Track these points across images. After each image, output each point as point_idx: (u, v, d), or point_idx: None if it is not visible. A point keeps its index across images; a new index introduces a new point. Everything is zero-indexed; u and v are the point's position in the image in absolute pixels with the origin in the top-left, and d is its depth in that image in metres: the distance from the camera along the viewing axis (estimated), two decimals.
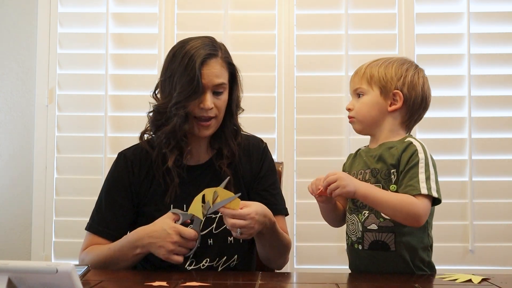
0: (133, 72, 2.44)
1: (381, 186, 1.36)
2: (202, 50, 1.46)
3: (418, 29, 2.40)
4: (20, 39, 2.48)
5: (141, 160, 1.55)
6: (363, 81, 1.43)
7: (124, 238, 1.44)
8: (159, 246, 1.34)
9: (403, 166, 1.34)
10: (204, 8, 2.46)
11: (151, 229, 1.38)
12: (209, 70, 1.45)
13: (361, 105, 1.43)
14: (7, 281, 0.81)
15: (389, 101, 1.41)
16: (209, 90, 1.46)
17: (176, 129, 1.45)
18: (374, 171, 1.39)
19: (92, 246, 1.50)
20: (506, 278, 1.29)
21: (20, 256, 2.40)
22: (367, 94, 1.42)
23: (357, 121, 1.46)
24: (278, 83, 2.41)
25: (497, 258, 2.29)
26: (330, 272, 2.14)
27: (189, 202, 1.50)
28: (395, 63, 1.43)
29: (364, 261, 1.40)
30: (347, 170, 1.51)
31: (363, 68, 1.45)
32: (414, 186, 1.30)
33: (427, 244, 1.40)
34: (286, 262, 1.60)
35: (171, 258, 1.34)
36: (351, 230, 1.43)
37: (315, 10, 2.44)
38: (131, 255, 1.40)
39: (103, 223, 1.51)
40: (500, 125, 2.36)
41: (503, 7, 2.41)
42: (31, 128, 2.45)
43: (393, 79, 1.41)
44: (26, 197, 2.42)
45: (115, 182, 1.54)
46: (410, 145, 1.37)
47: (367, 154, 1.45)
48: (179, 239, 1.33)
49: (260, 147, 1.65)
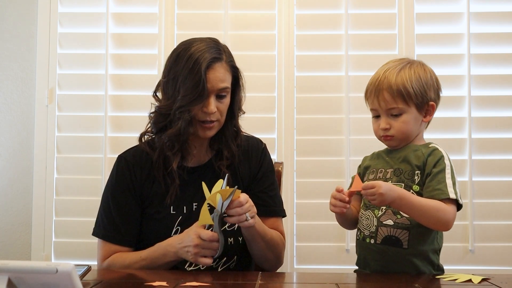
0: (133, 72, 2.44)
1: (403, 186, 1.38)
2: (207, 53, 1.45)
3: (418, 29, 2.40)
4: (20, 39, 2.48)
5: (141, 162, 1.54)
6: (399, 100, 1.40)
7: (156, 246, 1.45)
8: (186, 251, 1.37)
9: (429, 169, 1.37)
10: (204, 8, 2.46)
11: (180, 236, 1.42)
12: (214, 75, 1.45)
13: (401, 124, 1.41)
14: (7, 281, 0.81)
15: (423, 113, 1.44)
16: (213, 94, 1.46)
17: (182, 133, 1.46)
18: (397, 170, 1.42)
19: (115, 255, 1.50)
20: (506, 278, 1.29)
21: (20, 256, 2.40)
22: (405, 112, 1.41)
23: (397, 139, 1.44)
24: (278, 83, 2.41)
25: (497, 258, 2.29)
26: (330, 272, 2.15)
27: (189, 203, 1.50)
28: (419, 71, 1.43)
29: (374, 256, 1.41)
30: (361, 171, 1.53)
31: (392, 83, 1.40)
32: (443, 190, 1.33)
33: (437, 247, 1.42)
34: (280, 263, 1.59)
35: (199, 261, 1.36)
36: (364, 225, 1.44)
37: (315, 10, 2.44)
38: (164, 262, 1.43)
39: (116, 230, 1.51)
40: (500, 125, 2.35)
41: (503, 7, 2.41)
42: (31, 128, 2.45)
43: (426, 92, 1.43)
44: (26, 197, 2.42)
45: (120, 186, 1.54)
46: (436, 150, 1.41)
47: (389, 155, 1.47)
48: (200, 242, 1.35)
49: (259, 148, 1.65)
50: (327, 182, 2.33)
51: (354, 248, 2.37)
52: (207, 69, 1.44)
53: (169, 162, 1.50)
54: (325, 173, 2.35)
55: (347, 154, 2.35)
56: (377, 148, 1.54)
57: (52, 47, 2.45)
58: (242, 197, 1.35)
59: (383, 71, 1.44)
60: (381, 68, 1.47)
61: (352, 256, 2.32)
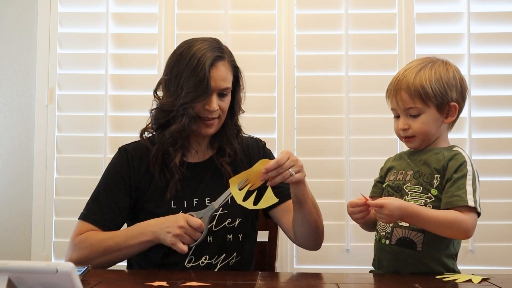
0: (133, 72, 2.44)
1: (421, 189, 1.37)
2: (210, 52, 1.47)
3: (418, 29, 2.40)
4: (20, 39, 2.48)
5: (141, 156, 1.55)
6: (416, 100, 1.38)
7: (134, 225, 1.45)
8: (166, 232, 1.37)
9: (450, 174, 1.35)
10: (204, 8, 2.46)
11: (164, 217, 1.41)
12: (218, 73, 1.47)
13: (420, 125, 1.40)
14: (7, 281, 0.81)
15: (445, 114, 1.41)
16: (216, 92, 1.48)
17: (185, 129, 1.47)
18: (417, 173, 1.40)
19: (89, 232, 1.48)
20: (506, 278, 1.29)
21: (20, 256, 2.40)
22: (424, 113, 1.39)
23: (418, 140, 1.42)
24: (278, 83, 2.41)
25: (497, 258, 2.28)
26: (330, 272, 2.15)
27: (189, 198, 1.52)
28: (441, 71, 1.41)
29: (388, 257, 1.40)
30: (383, 173, 1.52)
31: (410, 83, 1.39)
32: (462, 197, 1.31)
33: (453, 252, 1.41)
34: (323, 236, 1.57)
35: (177, 245, 1.36)
36: (381, 225, 1.44)
37: (315, 10, 2.44)
38: (138, 241, 1.41)
39: (99, 213, 1.50)
40: (500, 125, 2.35)
41: (503, 7, 2.41)
42: (31, 128, 2.45)
43: (447, 93, 1.39)
44: (26, 197, 2.42)
45: (115, 174, 1.54)
46: (458, 154, 1.38)
47: (411, 157, 1.46)
48: (186, 225, 1.36)
49: (260, 146, 1.67)
50: (327, 182, 2.33)
51: (354, 248, 2.38)
52: (211, 67, 1.45)
53: (169, 157, 1.51)
54: (325, 173, 2.35)
55: (347, 154, 2.35)
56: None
57: (52, 47, 2.45)
58: (280, 156, 1.35)
59: (403, 70, 1.43)
60: (403, 67, 1.46)
61: (352, 256, 2.34)
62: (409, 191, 1.40)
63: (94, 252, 1.43)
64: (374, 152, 2.30)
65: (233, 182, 1.39)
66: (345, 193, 2.33)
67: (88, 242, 1.45)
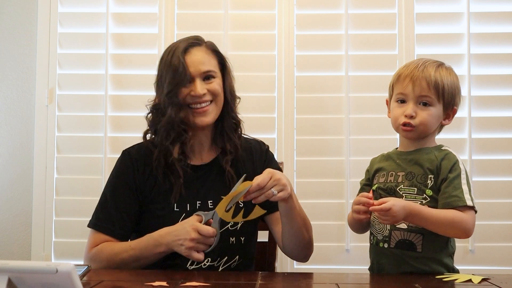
0: (133, 72, 2.44)
1: (416, 190, 1.37)
2: (183, 42, 1.52)
3: (418, 29, 2.40)
4: (20, 39, 2.48)
5: (145, 158, 1.55)
6: (433, 91, 1.39)
7: (147, 236, 1.45)
8: (180, 244, 1.37)
9: (445, 173, 1.36)
10: (204, 8, 2.46)
11: (174, 228, 1.41)
12: (192, 58, 1.49)
13: (428, 117, 1.39)
14: (7, 281, 0.81)
15: (445, 115, 1.44)
16: (198, 78, 1.50)
17: (173, 118, 1.48)
18: (409, 174, 1.40)
19: (103, 244, 1.49)
20: (506, 278, 1.29)
21: (20, 256, 2.40)
22: (434, 106, 1.40)
23: (417, 131, 1.41)
24: (278, 83, 2.41)
25: (497, 258, 2.28)
26: (330, 272, 2.15)
27: (192, 201, 1.51)
28: (453, 76, 1.44)
29: (389, 260, 1.40)
30: (370, 175, 1.51)
31: (431, 75, 1.39)
32: (460, 197, 1.33)
33: (451, 251, 1.42)
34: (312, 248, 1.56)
35: (192, 256, 1.37)
36: (377, 229, 1.43)
37: (315, 10, 2.44)
38: (154, 252, 1.42)
39: (109, 221, 1.51)
40: (500, 125, 2.35)
41: (503, 7, 2.41)
42: (31, 128, 2.44)
43: (455, 96, 1.43)
44: (26, 197, 2.42)
45: (120, 179, 1.54)
46: (449, 154, 1.40)
47: (400, 157, 1.45)
48: (197, 236, 1.36)
49: (262, 149, 1.66)
50: (327, 182, 2.33)
51: (354, 248, 2.38)
52: (185, 53, 1.49)
53: (170, 156, 1.50)
54: (325, 173, 2.35)
55: (347, 154, 2.35)
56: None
57: (52, 47, 2.45)
58: (261, 178, 1.33)
59: (422, 61, 1.43)
60: (418, 59, 1.46)
61: (352, 256, 2.34)
62: (403, 193, 1.39)
63: (110, 266, 1.45)
64: (374, 152, 2.26)
65: (220, 208, 1.37)
66: (345, 193, 2.33)
67: (104, 255, 1.47)
